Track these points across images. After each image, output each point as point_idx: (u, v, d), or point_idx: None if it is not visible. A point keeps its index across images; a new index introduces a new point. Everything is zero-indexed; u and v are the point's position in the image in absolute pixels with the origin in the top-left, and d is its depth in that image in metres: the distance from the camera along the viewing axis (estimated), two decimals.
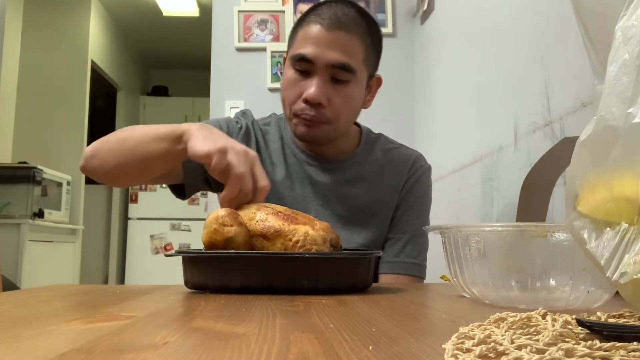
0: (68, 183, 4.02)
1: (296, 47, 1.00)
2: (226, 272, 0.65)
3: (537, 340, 0.29)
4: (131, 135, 0.95)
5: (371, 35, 1.03)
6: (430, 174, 1.16)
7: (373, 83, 1.09)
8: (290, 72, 1.01)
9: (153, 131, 0.92)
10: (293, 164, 1.09)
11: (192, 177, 1.05)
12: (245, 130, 1.10)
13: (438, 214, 1.75)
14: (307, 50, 0.97)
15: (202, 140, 0.81)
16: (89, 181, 4.56)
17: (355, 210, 1.06)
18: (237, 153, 0.78)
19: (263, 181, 0.80)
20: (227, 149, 0.78)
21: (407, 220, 1.09)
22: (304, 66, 0.98)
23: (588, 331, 0.32)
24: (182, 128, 0.87)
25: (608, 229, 0.39)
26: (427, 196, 1.14)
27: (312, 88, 0.97)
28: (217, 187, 1.08)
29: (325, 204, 1.06)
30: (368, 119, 1.42)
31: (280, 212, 0.72)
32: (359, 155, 1.11)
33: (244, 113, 1.16)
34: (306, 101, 0.98)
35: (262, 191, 0.79)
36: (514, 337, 0.30)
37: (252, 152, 0.82)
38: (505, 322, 0.36)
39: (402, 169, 1.11)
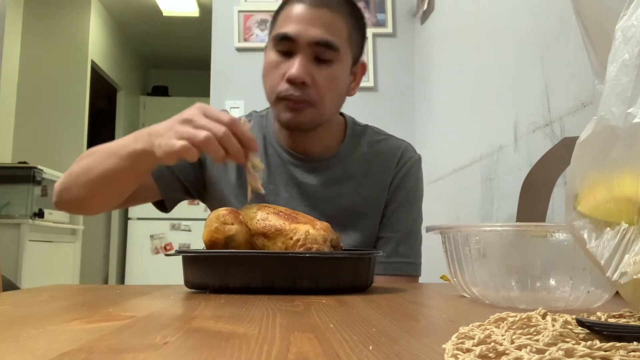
0: None
1: (278, 26, 0.99)
2: (226, 272, 0.65)
3: (537, 340, 0.29)
4: (92, 160, 0.92)
5: (355, 17, 1.01)
6: (420, 164, 1.11)
7: (357, 70, 1.06)
8: (271, 55, 0.99)
9: (106, 148, 0.90)
10: (277, 166, 1.05)
11: (168, 191, 1.04)
12: None
13: (438, 214, 1.75)
14: (289, 28, 0.95)
15: (159, 142, 0.80)
16: None
17: (344, 211, 1.03)
18: (193, 121, 0.78)
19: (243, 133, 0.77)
20: (180, 129, 0.77)
21: (398, 219, 1.06)
22: (286, 46, 0.96)
23: (588, 331, 0.32)
24: (130, 136, 0.87)
25: (608, 229, 0.39)
26: (418, 190, 1.10)
27: (294, 67, 0.94)
28: (199, 194, 1.08)
29: (312, 205, 1.03)
30: (368, 119, 1.42)
31: (281, 211, 0.73)
32: (344, 151, 1.07)
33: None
34: (289, 81, 0.95)
35: (249, 143, 0.77)
36: (514, 337, 0.30)
37: (209, 109, 0.80)
38: (505, 322, 0.36)
39: (389, 163, 1.07)
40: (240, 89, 2.29)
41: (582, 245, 0.41)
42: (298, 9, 0.96)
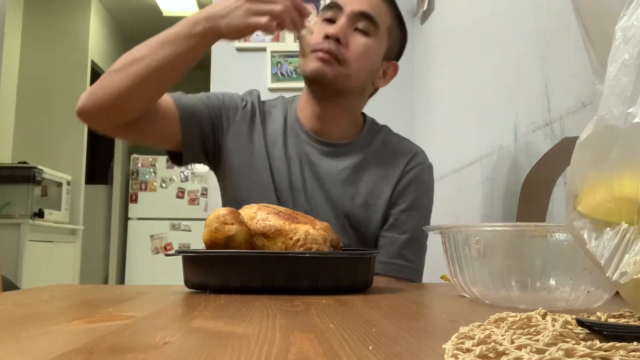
0: (68, 183, 4.02)
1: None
2: (226, 272, 0.65)
3: (537, 340, 0.29)
4: (141, 52, 0.94)
5: (400, 21, 1.13)
6: (432, 172, 1.14)
7: (389, 67, 1.14)
8: (317, 26, 1.07)
9: (155, 40, 0.93)
10: (292, 144, 1.09)
11: (190, 139, 1.05)
12: (251, 108, 1.11)
13: (438, 214, 1.74)
14: None
15: (227, 20, 0.89)
16: (89, 181, 4.57)
17: (348, 198, 1.06)
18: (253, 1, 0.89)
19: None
20: (254, 7, 0.89)
21: (407, 221, 1.07)
22: (332, 14, 1.05)
23: (588, 331, 0.32)
24: (181, 24, 0.93)
25: (608, 229, 0.39)
26: (429, 197, 1.12)
27: (334, 27, 1.03)
28: (213, 158, 1.10)
29: (320, 186, 1.06)
30: None
31: (281, 211, 0.73)
32: (360, 142, 1.11)
33: (251, 92, 1.16)
34: (326, 37, 1.02)
35: (304, 11, 0.93)
36: (514, 337, 0.30)
37: None
38: (505, 322, 0.36)
39: (399, 161, 1.10)
40: (240, 89, 2.27)
41: (582, 245, 0.41)
42: None
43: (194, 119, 1.04)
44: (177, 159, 1.07)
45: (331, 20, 1.05)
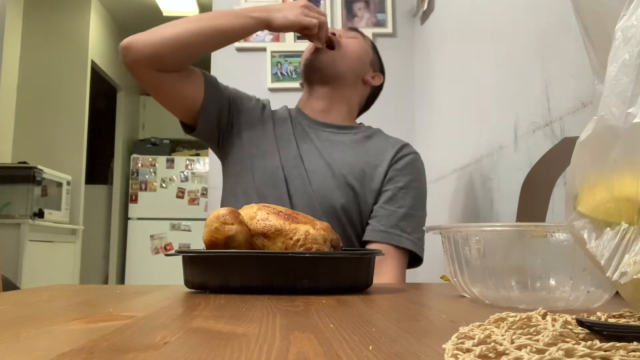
0: (68, 183, 4.02)
1: None
2: (226, 272, 0.65)
3: (537, 340, 0.29)
4: (202, 16, 1.14)
5: (374, 47, 1.35)
6: (421, 160, 1.24)
7: (375, 77, 1.32)
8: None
9: (215, 12, 1.17)
10: (298, 128, 1.24)
11: (211, 102, 1.18)
12: (262, 103, 1.28)
13: (438, 214, 1.75)
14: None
15: (284, 14, 1.13)
16: (89, 181, 4.56)
17: (347, 166, 1.17)
18: (312, 7, 1.17)
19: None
20: (308, 11, 1.15)
21: (404, 197, 1.14)
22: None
23: (588, 331, 0.32)
24: (240, 11, 1.15)
25: (608, 229, 0.39)
26: (423, 182, 1.22)
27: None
28: (224, 137, 1.22)
29: (320, 156, 1.18)
30: (369, 118, 1.42)
31: (281, 211, 0.73)
32: (358, 131, 1.26)
33: (263, 99, 1.33)
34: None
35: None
36: (514, 337, 0.30)
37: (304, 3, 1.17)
38: (505, 322, 0.36)
39: (393, 146, 1.22)
40: (240, 88, 2.28)
41: (582, 245, 0.41)
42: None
43: (216, 90, 1.19)
44: (190, 128, 1.20)
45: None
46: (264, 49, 2.30)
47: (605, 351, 0.27)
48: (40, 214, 3.46)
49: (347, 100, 1.27)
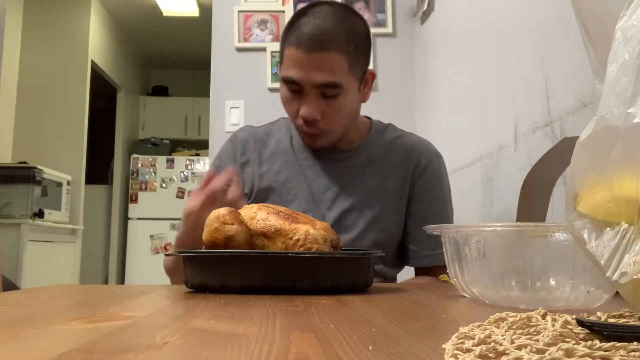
0: (68, 183, 4.02)
1: (284, 67, 1.04)
2: (226, 272, 0.65)
3: (537, 340, 0.29)
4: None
5: (353, 41, 1.03)
6: (442, 160, 1.18)
7: (368, 79, 1.11)
8: (284, 91, 1.06)
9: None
10: (303, 159, 1.14)
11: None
12: (242, 148, 1.17)
13: None
14: (293, 73, 1.01)
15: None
16: (89, 181, 4.56)
17: (366, 194, 1.10)
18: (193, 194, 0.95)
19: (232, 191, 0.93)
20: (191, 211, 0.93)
21: (435, 214, 1.11)
22: (294, 87, 1.03)
23: (588, 331, 0.32)
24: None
25: (608, 229, 0.39)
26: (446, 183, 1.16)
27: (304, 107, 1.02)
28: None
29: (340, 189, 1.11)
30: None
31: (281, 211, 0.72)
32: (369, 141, 1.15)
33: (241, 130, 1.22)
34: (303, 118, 1.04)
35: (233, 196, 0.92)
36: (514, 337, 0.30)
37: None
38: (505, 322, 0.36)
39: (411, 155, 1.13)
40: (240, 89, 2.29)
41: (582, 245, 0.41)
42: (297, 54, 1.01)
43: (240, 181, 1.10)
44: None
45: (296, 91, 1.03)
46: (264, 49, 2.30)
47: (605, 351, 0.27)
48: (40, 214, 3.46)
49: (352, 128, 1.14)
